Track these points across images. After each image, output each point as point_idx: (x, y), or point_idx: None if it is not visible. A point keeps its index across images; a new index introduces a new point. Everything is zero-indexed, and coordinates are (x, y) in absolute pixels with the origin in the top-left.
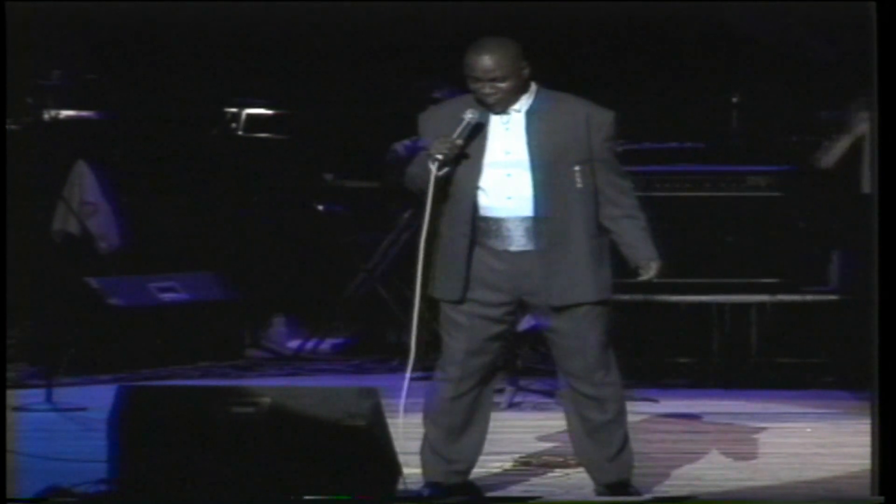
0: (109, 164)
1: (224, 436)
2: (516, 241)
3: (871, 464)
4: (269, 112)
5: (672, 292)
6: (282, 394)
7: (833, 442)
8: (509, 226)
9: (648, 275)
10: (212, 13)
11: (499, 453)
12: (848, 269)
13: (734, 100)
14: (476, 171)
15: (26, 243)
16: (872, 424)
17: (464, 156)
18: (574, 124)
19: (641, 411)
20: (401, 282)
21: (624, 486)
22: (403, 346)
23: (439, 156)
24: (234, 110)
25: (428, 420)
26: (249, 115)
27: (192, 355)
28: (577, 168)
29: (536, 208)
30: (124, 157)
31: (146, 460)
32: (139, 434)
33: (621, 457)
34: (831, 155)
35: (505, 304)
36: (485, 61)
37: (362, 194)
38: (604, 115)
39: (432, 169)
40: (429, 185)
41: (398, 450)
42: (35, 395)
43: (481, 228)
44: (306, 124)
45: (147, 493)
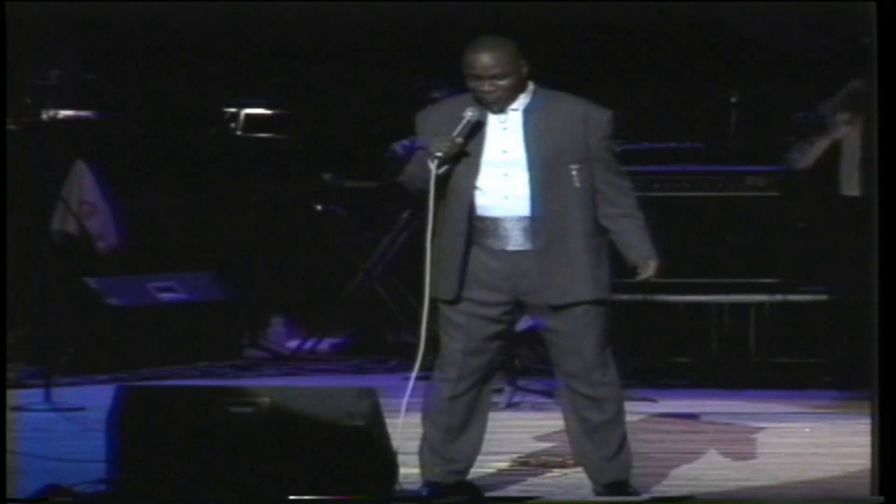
0: (108, 165)
1: (223, 436)
2: (513, 240)
3: (871, 464)
4: (268, 112)
5: (671, 292)
6: (280, 394)
7: (832, 442)
8: (506, 225)
9: (647, 274)
10: (211, 13)
11: (497, 453)
12: (847, 270)
13: (733, 100)
14: (473, 171)
15: (25, 243)
16: (872, 424)
17: (464, 154)
18: (572, 123)
19: (640, 411)
20: (400, 282)
21: (622, 486)
22: (402, 346)
23: (439, 154)
24: (232, 110)
25: (426, 420)
26: (248, 115)
27: (190, 355)
28: (574, 167)
29: (534, 208)
30: (123, 158)
31: (145, 460)
32: (138, 434)
33: (620, 457)
34: (809, 156)
35: (502, 303)
36: (484, 58)
37: (361, 194)
38: (601, 114)
39: (432, 167)
40: (429, 184)
41: (398, 449)
42: (34, 395)
43: (478, 228)
44: (305, 124)
45: (146, 493)
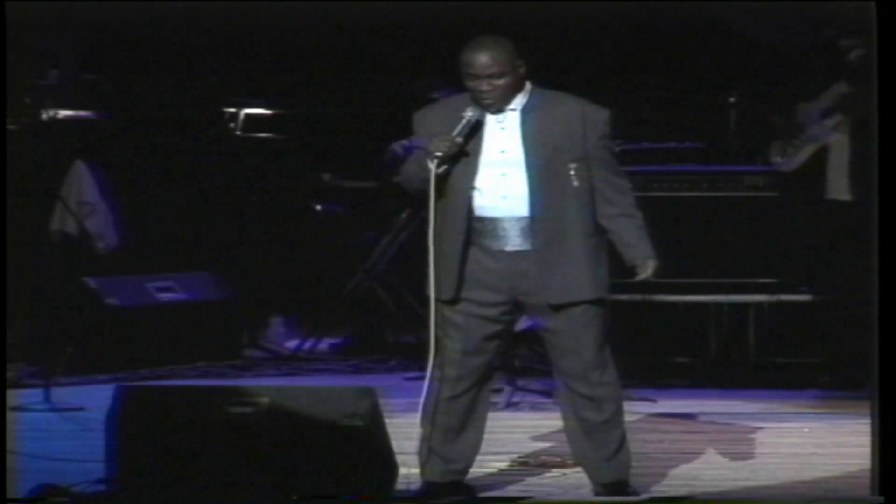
0: (107, 164)
1: (222, 436)
2: (512, 240)
3: (871, 464)
4: (268, 112)
5: (670, 292)
6: (280, 394)
7: (831, 442)
8: (505, 225)
9: (645, 274)
10: (210, 13)
11: (496, 453)
12: (846, 270)
13: (732, 99)
14: (471, 171)
15: (24, 243)
16: (872, 424)
17: (463, 153)
18: (569, 122)
19: (639, 411)
20: (399, 281)
21: (621, 485)
22: (401, 346)
23: (439, 153)
24: (232, 110)
25: (426, 420)
26: (247, 115)
27: (190, 355)
28: (572, 166)
29: (532, 207)
30: (122, 158)
31: (144, 460)
32: (137, 434)
33: (619, 457)
34: (794, 160)
35: (501, 303)
36: (482, 58)
37: (360, 194)
38: (599, 113)
39: (431, 167)
40: (429, 184)
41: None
42: (33, 395)
43: (476, 229)
44: (304, 124)
45: (145, 493)
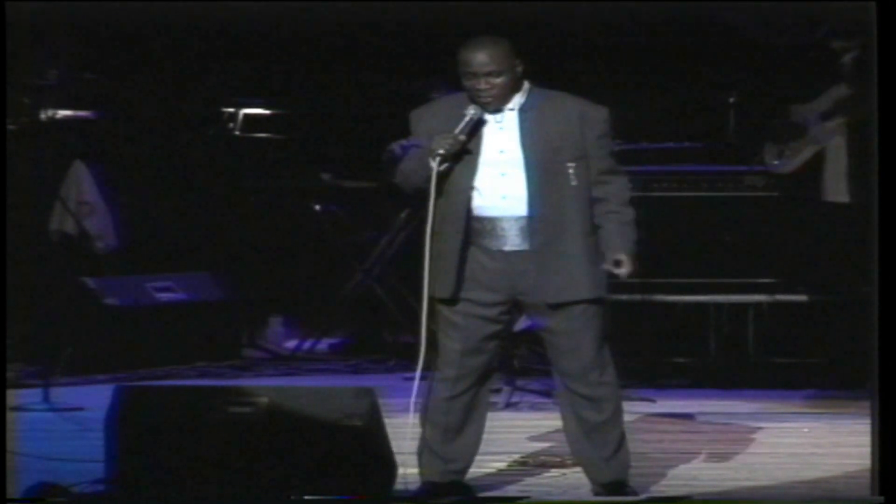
0: (107, 164)
1: (221, 436)
2: (511, 240)
3: (871, 464)
4: (267, 112)
5: (669, 292)
6: (279, 394)
7: (830, 442)
8: (504, 225)
9: (618, 270)
10: (210, 13)
11: (496, 453)
12: (845, 270)
13: (731, 100)
14: (471, 171)
15: (24, 243)
16: (872, 424)
17: (465, 151)
18: (567, 121)
19: (638, 411)
20: (398, 282)
21: (621, 485)
22: (400, 346)
23: (441, 151)
24: (231, 110)
25: (425, 420)
26: (247, 115)
27: (189, 355)
28: (571, 165)
29: (531, 207)
30: (122, 158)
31: (143, 460)
32: (136, 434)
33: (618, 457)
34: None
35: (500, 303)
36: (480, 56)
37: (359, 194)
38: (597, 112)
39: (433, 165)
40: (431, 182)
41: (401, 449)
42: (32, 395)
43: (475, 228)
44: (304, 124)
45: (144, 493)
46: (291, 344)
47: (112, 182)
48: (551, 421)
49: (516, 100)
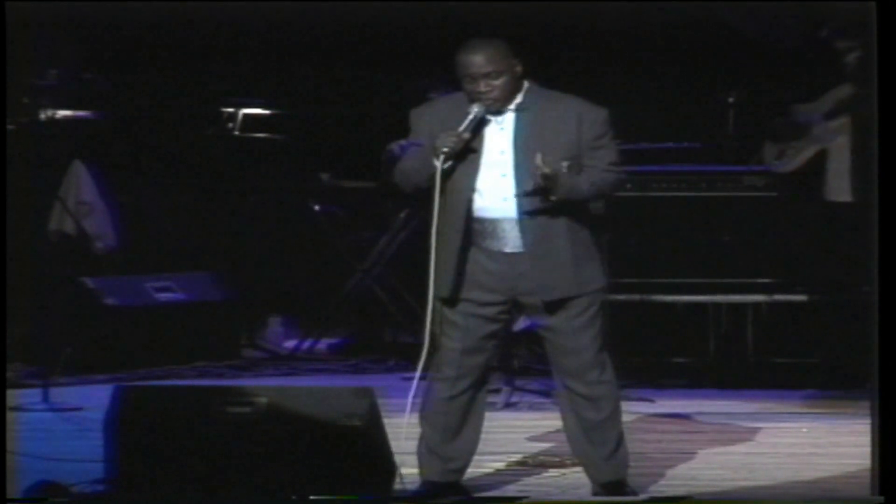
0: (106, 164)
1: (221, 436)
2: (511, 242)
3: (871, 464)
4: (266, 112)
5: (668, 292)
6: (278, 394)
7: (829, 442)
8: (505, 227)
9: (542, 171)
10: (209, 13)
11: (495, 453)
12: (843, 270)
13: (731, 100)
14: (472, 172)
15: (23, 243)
16: (872, 424)
17: (469, 150)
18: (563, 122)
19: (638, 411)
20: (397, 281)
21: (620, 485)
22: (400, 346)
23: (445, 149)
24: (230, 110)
25: (424, 419)
26: (246, 115)
27: (188, 355)
28: (563, 164)
29: (518, 208)
30: (121, 157)
31: (143, 460)
32: (136, 434)
33: (617, 456)
34: (793, 161)
35: (500, 303)
36: (477, 58)
37: (359, 194)
38: (595, 113)
39: (437, 164)
40: (434, 181)
41: (400, 449)
42: (32, 395)
43: (476, 230)
44: (303, 124)
45: (144, 493)
46: (291, 344)
47: (111, 182)
48: (550, 421)
49: (516, 100)
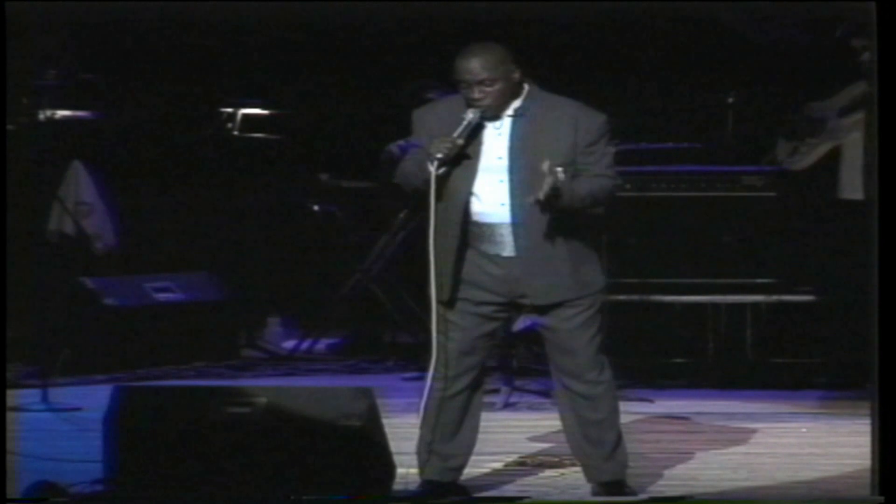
0: (105, 165)
1: (220, 436)
2: (508, 246)
3: (871, 464)
4: (265, 112)
5: (667, 292)
6: (277, 394)
7: (828, 442)
8: (502, 231)
9: (545, 170)
10: (209, 13)
11: (494, 453)
12: (843, 270)
13: (730, 100)
14: (470, 177)
15: (22, 243)
16: (872, 424)
17: (464, 156)
18: (559, 127)
19: (637, 411)
20: (396, 282)
21: (619, 485)
22: (399, 347)
23: (439, 154)
24: (229, 110)
25: (423, 419)
26: (245, 116)
27: (187, 355)
28: (558, 170)
29: (513, 213)
30: (120, 158)
31: (142, 460)
32: (135, 434)
33: (616, 456)
34: (807, 158)
35: (498, 303)
36: (472, 64)
37: (358, 194)
38: (591, 119)
39: (431, 169)
40: (429, 185)
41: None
42: (31, 395)
43: (474, 233)
44: (302, 124)
45: (143, 493)
46: (290, 344)
47: (110, 182)
48: (549, 421)
49: (514, 105)
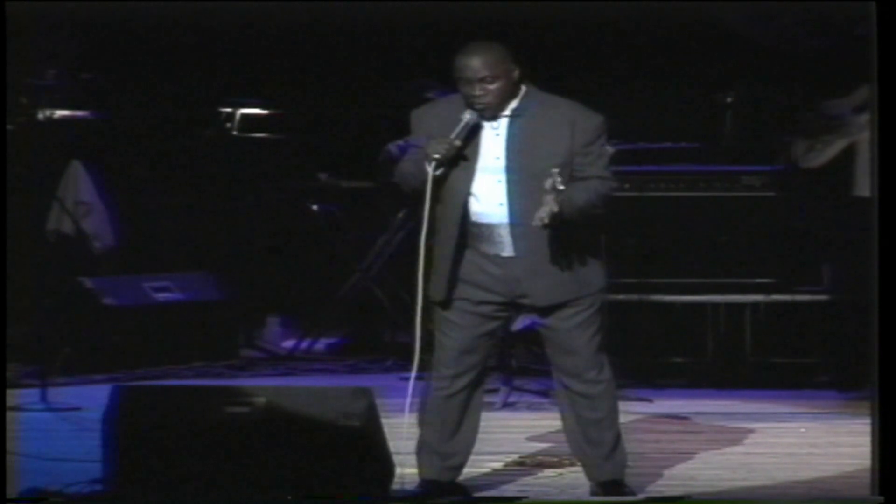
0: (104, 164)
1: (219, 436)
2: (507, 246)
3: (871, 463)
4: (264, 112)
5: (666, 292)
6: (276, 394)
7: (827, 442)
8: (501, 231)
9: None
10: (208, 13)
11: (493, 453)
12: (842, 269)
13: (729, 100)
14: (469, 177)
15: (21, 243)
16: (872, 424)
17: (462, 157)
18: (556, 127)
19: (636, 411)
20: (395, 282)
21: (618, 485)
22: (398, 346)
23: (436, 155)
24: (228, 110)
25: (422, 419)
26: (244, 115)
27: (186, 355)
28: (555, 171)
29: (511, 213)
30: (119, 157)
31: (141, 460)
32: (134, 434)
33: (615, 456)
34: (822, 156)
35: (497, 302)
36: (474, 62)
37: (357, 194)
38: (588, 120)
39: (429, 170)
40: (426, 186)
41: (395, 448)
42: (30, 395)
43: (473, 234)
44: (301, 124)
45: (142, 493)
46: (289, 344)
47: (109, 182)
48: (549, 421)
49: (511, 106)
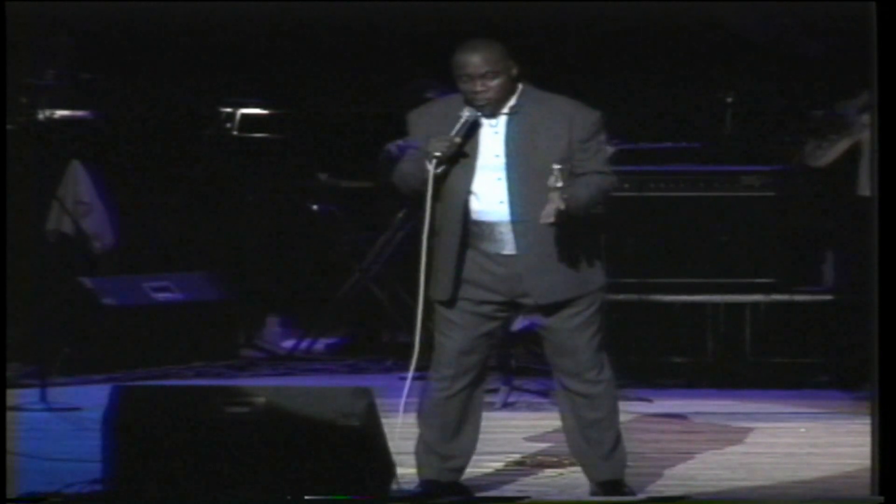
0: (104, 164)
1: (219, 436)
2: (509, 244)
3: (871, 463)
4: (264, 112)
5: (666, 292)
6: (276, 394)
7: (827, 442)
8: (502, 229)
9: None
10: (207, 13)
11: (493, 453)
12: (842, 269)
13: (729, 99)
14: (468, 175)
15: (21, 243)
16: (872, 424)
17: (462, 154)
18: (554, 125)
19: (636, 411)
20: (395, 282)
21: (618, 485)
22: (398, 346)
23: (437, 153)
24: (228, 110)
25: (422, 419)
26: (244, 115)
27: (186, 355)
28: (556, 168)
29: (512, 211)
30: (119, 157)
31: (141, 460)
32: (134, 434)
33: (614, 456)
34: (828, 154)
35: (498, 302)
36: (474, 58)
37: (357, 194)
38: (585, 116)
39: (430, 168)
40: (427, 184)
41: (394, 449)
42: (29, 395)
43: (474, 232)
44: (301, 124)
45: (141, 493)
46: (289, 344)
47: (109, 182)
48: (549, 421)
49: (510, 103)
